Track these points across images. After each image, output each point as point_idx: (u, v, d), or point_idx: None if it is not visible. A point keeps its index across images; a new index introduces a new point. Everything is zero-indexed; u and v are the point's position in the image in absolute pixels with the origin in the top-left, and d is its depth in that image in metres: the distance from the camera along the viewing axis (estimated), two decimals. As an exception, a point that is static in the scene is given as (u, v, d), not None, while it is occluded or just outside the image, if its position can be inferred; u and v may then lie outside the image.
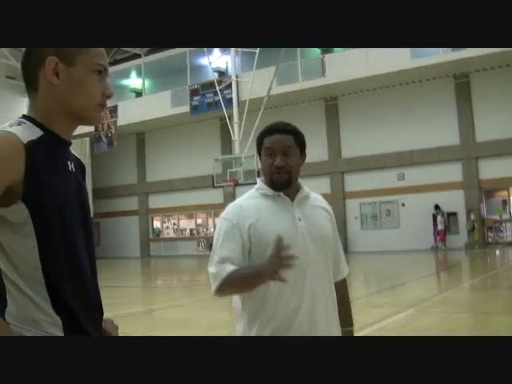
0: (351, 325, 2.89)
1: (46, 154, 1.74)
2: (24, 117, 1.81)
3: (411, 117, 28.87)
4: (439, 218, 27.94)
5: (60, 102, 1.81)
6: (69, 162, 1.87)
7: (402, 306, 10.90)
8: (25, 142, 1.68)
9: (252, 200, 2.71)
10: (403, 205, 28.99)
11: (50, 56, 1.78)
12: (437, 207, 28.29)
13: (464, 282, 15.37)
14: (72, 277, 1.79)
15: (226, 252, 2.58)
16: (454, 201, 27.84)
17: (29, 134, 1.72)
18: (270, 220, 2.61)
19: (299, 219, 2.64)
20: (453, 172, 27.82)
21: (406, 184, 29.12)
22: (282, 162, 2.63)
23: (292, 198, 2.69)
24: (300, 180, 2.78)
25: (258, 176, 24.30)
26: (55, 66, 1.79)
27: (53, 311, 1.74)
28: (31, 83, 1.83)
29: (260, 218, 2.61)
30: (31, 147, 1.69)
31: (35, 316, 1.73)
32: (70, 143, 1.90)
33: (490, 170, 26.88)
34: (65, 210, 1.78)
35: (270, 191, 2.68)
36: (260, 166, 2.77)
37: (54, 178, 1.75)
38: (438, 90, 28.33)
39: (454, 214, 28.05)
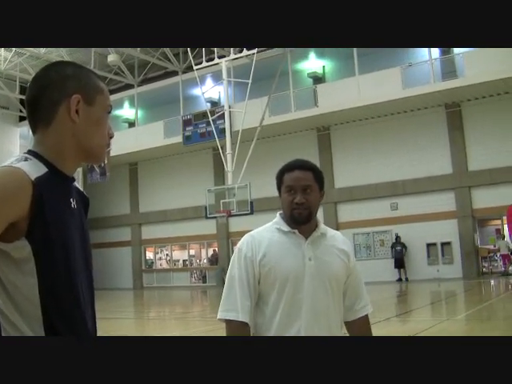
0: None
1: (52, 191, 1.72)
2: (29, 152, 1.79)
3: (403, 146, 28.94)
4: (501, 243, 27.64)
5: (76, 140, 1.81)
6: (71, 199, 1.85)
7: (397, 337, 10.74)
8: (32, 178, 1.67)
9: (266, 233, 2.78)
10: (397, 235, 28.91)
11: (75, 94, 1.79)
12: (397, 237, 28.56)
13: (459, 313, 15.25)
14: (71, 314, 1.77)
15: (238, 296, 2.68)
16: (447, 230, 27.79)
17: (36, 170, 1.70)
18: (279, 256, 2.68)
19: (309, 259, 2.68)
20: (446, 201, 27.81)
21: (399, 214, 29.09)
22: (303, 199, 2.69)
23: (307, 236, 2.73)
24: (318, 217, 2.83)
25: (251, 207, 24.32)
26: (77, 104, 1.80)
27: None
28: (44, 118, 1.81)
29: (269, 253, 2.69)
30: (38, 184, 1.67)
31: None
32: (74, 179, 1.90)
33: (484, 198, 26.87)
34: (68, 248, 1.76)
35: (285, 227, 2.74)
36: (282, 198, 2.81)
37: (58, 216, 1.73)
38: (429, 120, 28.45)
39: (448, 244, 27.96)
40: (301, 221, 2.71)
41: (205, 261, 36.62)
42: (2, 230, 1.62)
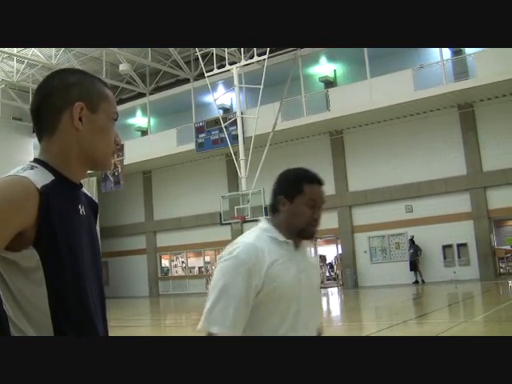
0: None
1: (59, 198, 1.72)
2: (35, 160, 1.79)
3: (417, 148, 28.84)
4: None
5: (81, 148, 1.80)
6: (80, 206, 1.84)
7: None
8: (39, 186, 1.66)
9: (263, 243, 2.57)
10: (412, 237, 28.78)
11: (78, 101, 1.78)
12: (410, 240, 28.57)
13: (477, 315, 15.15)
14: (82, 323, 1.76)
15: (234, 310, 2.38)
16: (463, 231, 27.63)
17: (42, 178, 1.70)
18: (282, 268, 2.52)
19: (302, 270, 2.60)
20: (461, 202, 27.66)
21: (414, 216, 28.98)
22: (320, 215, 2.62)
23: (296, 247, 2.64)
24: None
25: (266, 212, 24.27)
26: (80, 112, 1.78)
27: None
28: (48, 126, 1.80)
29: (273, 265, 2.49)
30: (45, 192, 1.67)
31: None
32: (81, 186, 1.89)
33: (499, 199, 26.70)
34: (77, 256, 1.75)
35: (281, 237, 2.60)
36: (298, 209, 2.63)
37: (66, 223, 1.73)
38: (442, 121, 28.33)
39: (464, 245, 27.80)
40: (311, 237, 2.66)
41: (220, 267, 36.54)
42: (9, 239, 1.62)
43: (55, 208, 1.70)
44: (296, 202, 2.61)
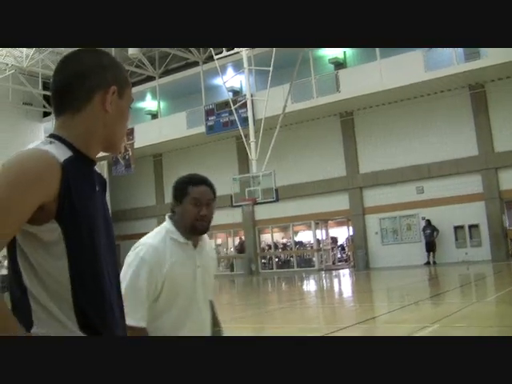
0: (219, 326, 3.43)
1: (78, 173, 1.75)
2: (52, 136, 1.80)
3: (428, 129, 28.70)
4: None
5: (106, 129, 1.84)
6: (95, 183, 1.87)
7: (426, 321, 10.72)
8: (61, 160, 1.69)
9: (165, 244, 2.99)
10: (423, 218, 28.72)
11: (113, 85, 1.82)
12: (427, 221, 28.41)
13: (489, 296, 15.14)
14: (98, 295, 1.79)
15: (142, 304, 2.87)
16: (475, 213, 27.55)
17: (61, 153, 1.72)
18: (180, 267, 2.97)
19: (198, 266, 3.04)
20: (473, 184, 27.56)
21: (425, 197, 28.90)
22: (206, 211, 2.99)
23: (195, 245, 3.05)
24: None
25: (276, 194, 24.27)
26: (112, 95, 1.83)
27: (79, 331, 1.73)
28: (76, 104, 1.81)
29: (172, 265, 2.94)
30: (67, 166, 1.69)
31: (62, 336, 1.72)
32: (95, 163, 1.91)
33: (511, 180, 26.58)
34: (94, 230, 1.78)
35: (181, 238, 3.01)
36: (185, 208, 3.03)
37: (85, 198, 1.75)
38: (453, 102, 28.16)
39: (476, 226, 27.72)
40: (202, 232, 3.03)
41: (232, 249, 36.67)
42: (32, 211, 1.63)
43: (75, 183, 1.72)
44: (184, 203, 3.04)
